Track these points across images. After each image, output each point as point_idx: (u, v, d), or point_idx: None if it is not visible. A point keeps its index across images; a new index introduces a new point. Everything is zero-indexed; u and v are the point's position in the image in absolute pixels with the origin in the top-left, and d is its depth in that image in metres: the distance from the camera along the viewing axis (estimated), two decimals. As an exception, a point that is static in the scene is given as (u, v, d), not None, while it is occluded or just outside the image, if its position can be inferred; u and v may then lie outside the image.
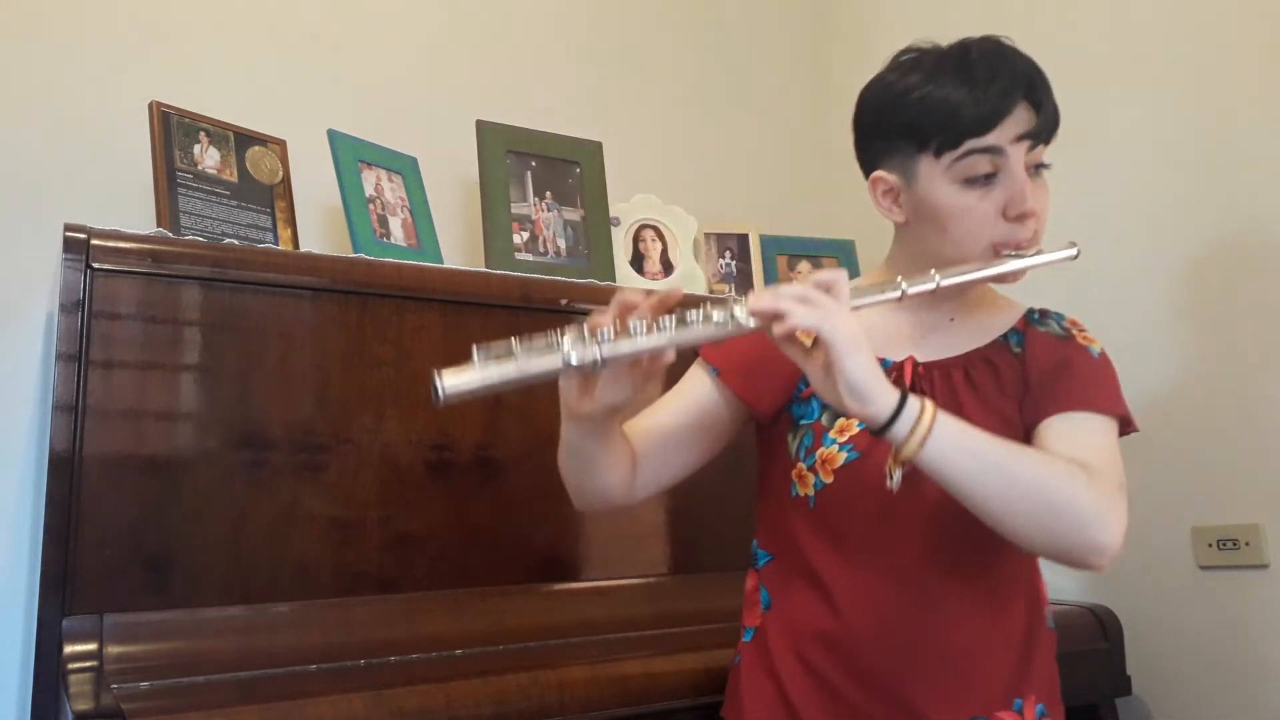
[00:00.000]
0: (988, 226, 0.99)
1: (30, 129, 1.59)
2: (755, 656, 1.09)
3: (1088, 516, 0.91)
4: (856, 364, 0.85)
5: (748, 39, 2.43)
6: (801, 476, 1.05)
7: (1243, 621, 1.66)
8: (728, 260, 2.05)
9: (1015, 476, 0.90)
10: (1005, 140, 0.98)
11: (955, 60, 1.00)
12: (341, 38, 1.91)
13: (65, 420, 1.24)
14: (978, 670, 1.01)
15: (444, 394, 0.78)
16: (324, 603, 1.35)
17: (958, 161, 0.98)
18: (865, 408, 0.86)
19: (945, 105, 0.97)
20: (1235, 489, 1.68)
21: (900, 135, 1.01)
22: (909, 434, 0.87)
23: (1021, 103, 0.98)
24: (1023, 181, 0.99)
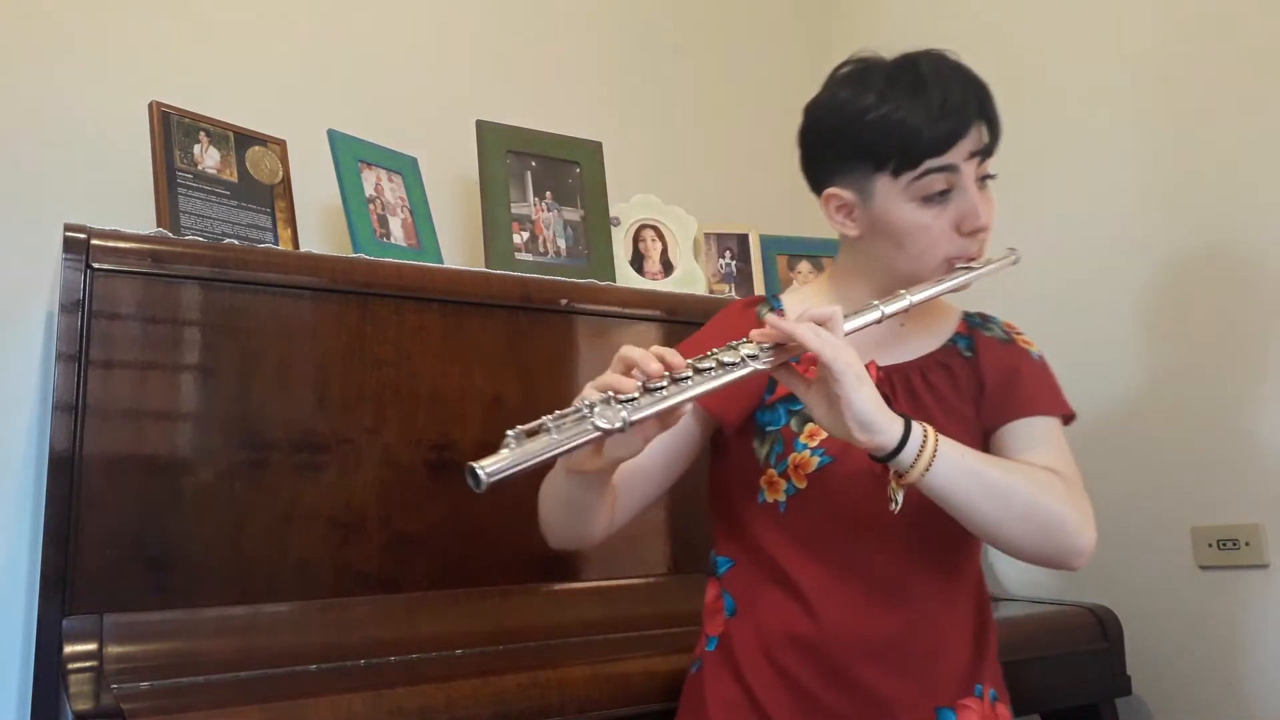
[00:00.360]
0: (944, 242, 1.03)
1: (30, 129, 1.59)
2: (720, 663, 1.09)
3: (1071, 527, 0.98)
4: (863, 397, 0.88)
5: (748, 39, 2.44)
6: (772, 482, 1.06)
7: (1243, 621, 1.66)
8: (728, 260, 2.05)
9: (1009, 495, 0.96)
10: (960, 158, 1.01)
11: (907, 79, 1.01)
12: (341, 38, 1.91)
13: (65, 420, 1.25)
14: (943, 663, 1.05)
15: (485, 480, 0.78)
16: (324, 603, 1.35)
17: (915, 181, 1.01)
18: (874, 438, 0.90)
19: (904, 128, 0.99)
20: (1235, 489, 1.68)
21: (856, 155, 1.03)
22: (914, 460, 0.91)
23: (974, 123, 1.02)
24: (976, 198, 1.02)
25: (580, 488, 0.97)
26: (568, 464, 0.93)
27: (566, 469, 0.95)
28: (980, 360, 1.11)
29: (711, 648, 1.10)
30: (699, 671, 1.12)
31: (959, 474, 0.93)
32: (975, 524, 0.97)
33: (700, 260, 2.03)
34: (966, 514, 0.96)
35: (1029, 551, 0.99)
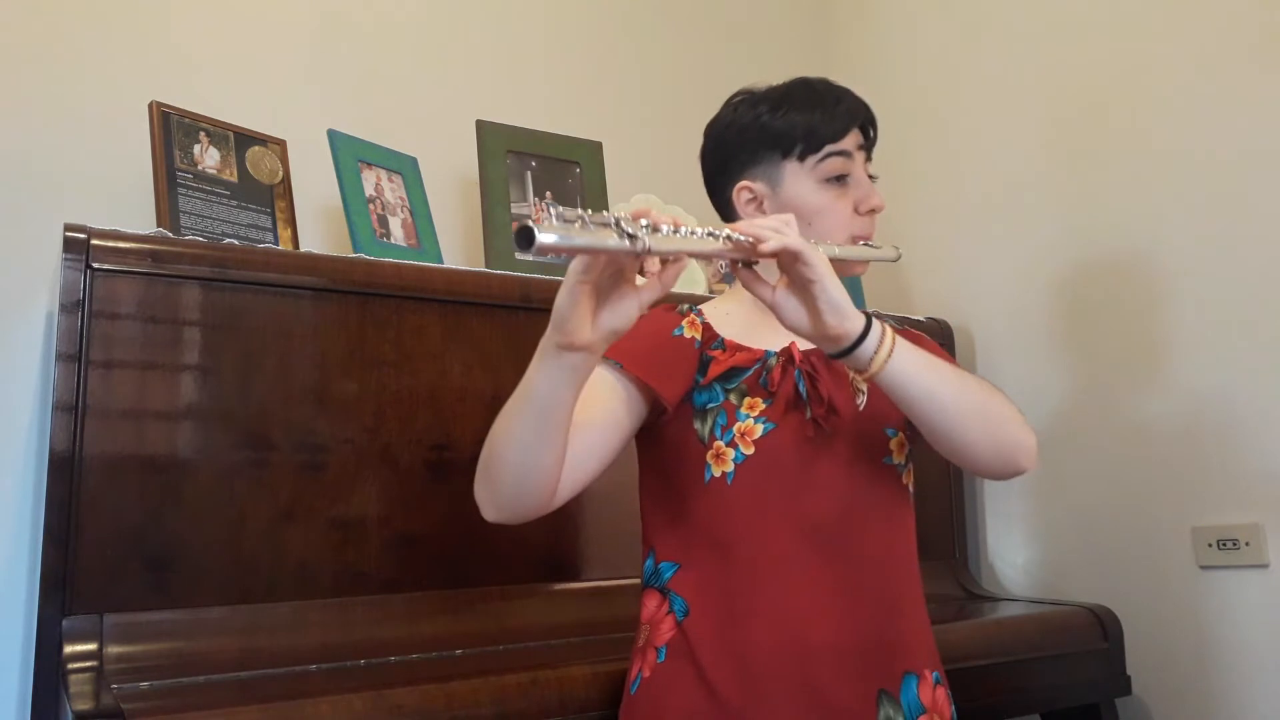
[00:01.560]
0: (846, 220, 1.14)
1: (30, 129, 1.59)
2: (675, 671, 1.06)
3: (1019, 421, 1.07)
4: (835, 284, 0.95)
5: (748, 39, 2.44)
6: (720, 455, 1.08)
7: (1243, 621, 1.66)
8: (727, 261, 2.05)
9: (963, 388, 1.03)
10: (852, 147, 1.15)
11: (801, 88, 1.17)
12: (341, 38, 1.91)
13: (65, 420, 1.25)
14: (902, 625, 1.08)
15: (537, 246, 0.76)
16: (324, 603, 1.35)
17: (820, 163, 1.14)
18: (843, 323, 0.95)
19: (805, 119, 1.14)
20: (1235, 489, 1.68)
21: (764, 147, 1.15)
22: (877, 348, 0.97)
23: (860, 122, 1.16)
24: (869, 183, 1.17)
25: (557, 380, 0.91)
26: (560, 336, 0.88)
27: (555, 346, 0.90)
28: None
29: (662, 659, 1.08)
30: (644, 688, 1.08)
31: (916, 366, 0.99)
32: (934, 417, 1.01)
33: (700, 260, 2.03)
34: (926, 406, 1.00)
35: (984, 449, 1.04)
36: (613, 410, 1.07)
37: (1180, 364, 1.77)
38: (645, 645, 1.10)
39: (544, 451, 0.96)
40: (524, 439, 0.96)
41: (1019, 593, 1.99)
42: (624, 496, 1.60)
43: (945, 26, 2.26)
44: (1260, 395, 1.66)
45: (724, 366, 1.10)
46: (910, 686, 1.06)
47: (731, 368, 1.10)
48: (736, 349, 1.12)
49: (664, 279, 0.90)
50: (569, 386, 0.93)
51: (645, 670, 1.09)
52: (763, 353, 1.11)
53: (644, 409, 1.10)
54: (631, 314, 0.89)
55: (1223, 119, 1.73)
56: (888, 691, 1.04)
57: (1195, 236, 1.76)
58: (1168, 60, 1.82)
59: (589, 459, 1.04)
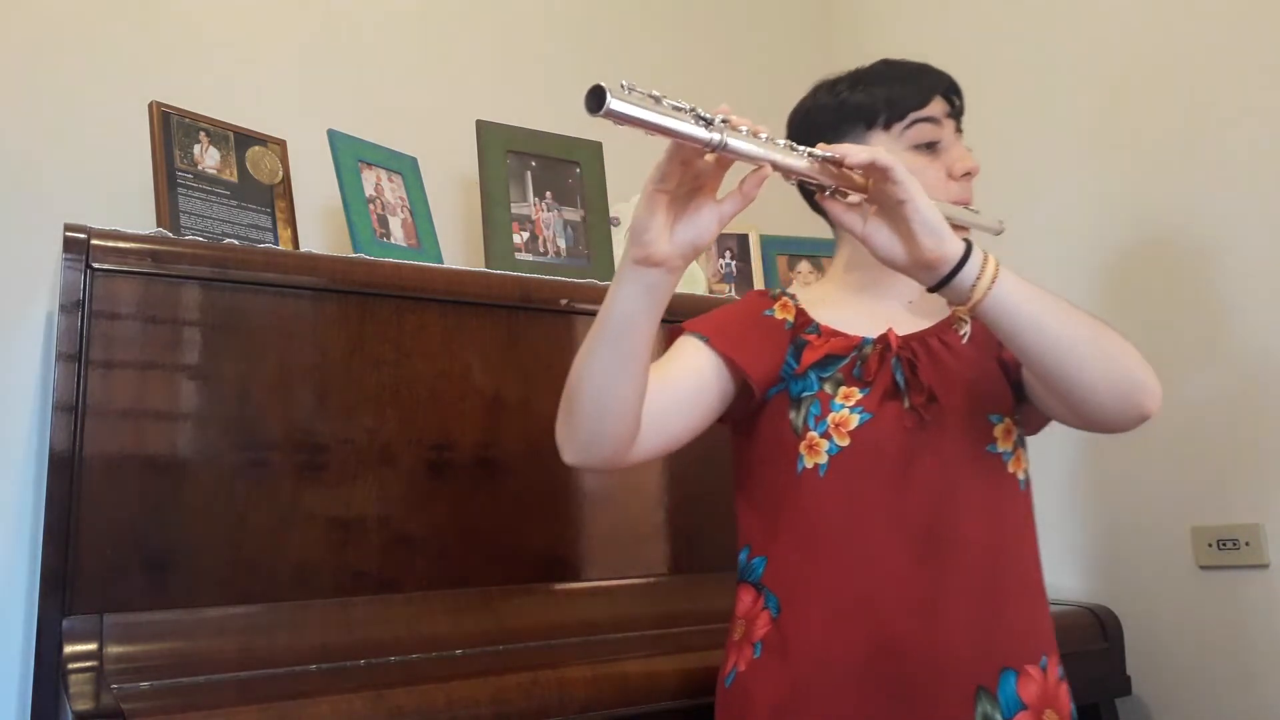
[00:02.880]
0: (941, 185, 1.10)
1: (30, 129, 1.59)
2: (769, 667, 1.05)
3: (1138, 357, 0.98)
4: (928, 204, 0.90)
5: (748, 39, 2.44)
6: (813, 445, 1.05)
7: (1243, 621, 1.66)
8: (728, 260, 2.05)
9: (1076, 318, 0.95)
10: (939, 113, 1.12)
11: (880, 66, 1.16)
12: (341, 38, 1.91)
13: (65, 420, 1.25)
14: (1002, 621, 1.03)
15: (607, 107, 0.76)
16: (324, 603, 1.35)
17: (906, 130, 1.11)
18: (941, 245, 0.90)
19: (884, 90, 1.12)
20: (1235, 489, 1.68)
21: (849, 120, 1.13)
22: (979, 274, 0.91)
23: (943, 91, 1.14)
24: (961, 147, 1.13)
25: (637, 300, 0.90)
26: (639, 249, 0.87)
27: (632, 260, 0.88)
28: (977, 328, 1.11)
29: (758, 654, 1.06)
30: (739, 682, 1.07)
31: (1022, 294, 0.92)
32: (1044, 351, 0.94)
33: (700, 260, 2.03)
34: (1034, 339, 0.93)
35: (1102, 387, 0.95)
36: (700, 375, 1.06)
37: (1180, 364, 1.76)
38: (742, 640, 1.09)
39: (622, 380, 0.94)
40: (601, 365, 0.93)
41: (1019, 593, 1.99)
42: (624, 496, 1.61)
43: (945, 26, 2.26)
44: (1260, 395, 1.66)
45: (820, 353, 1.08)
46: (1009, 682, 1.01)
47: (827, 354, 1.08)
48: (832, 334, 1.09)
49: (745, 190, 0.87)
50: (647, 308, 0.91)
51: (741, 665, 1.08)
52: (859, 339, 1.08)
53: (732, 388, 1.08)
54: (711, 228, 0.88)
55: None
56: (986, 689, 1.00)
57: (1192, 238, 1.76)
58: (1185, 45, 1.82)
59: (672, 416, 1.03)
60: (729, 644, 1.12)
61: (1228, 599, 1.68)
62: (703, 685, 1.25)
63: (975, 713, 0.99)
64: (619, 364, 0.93)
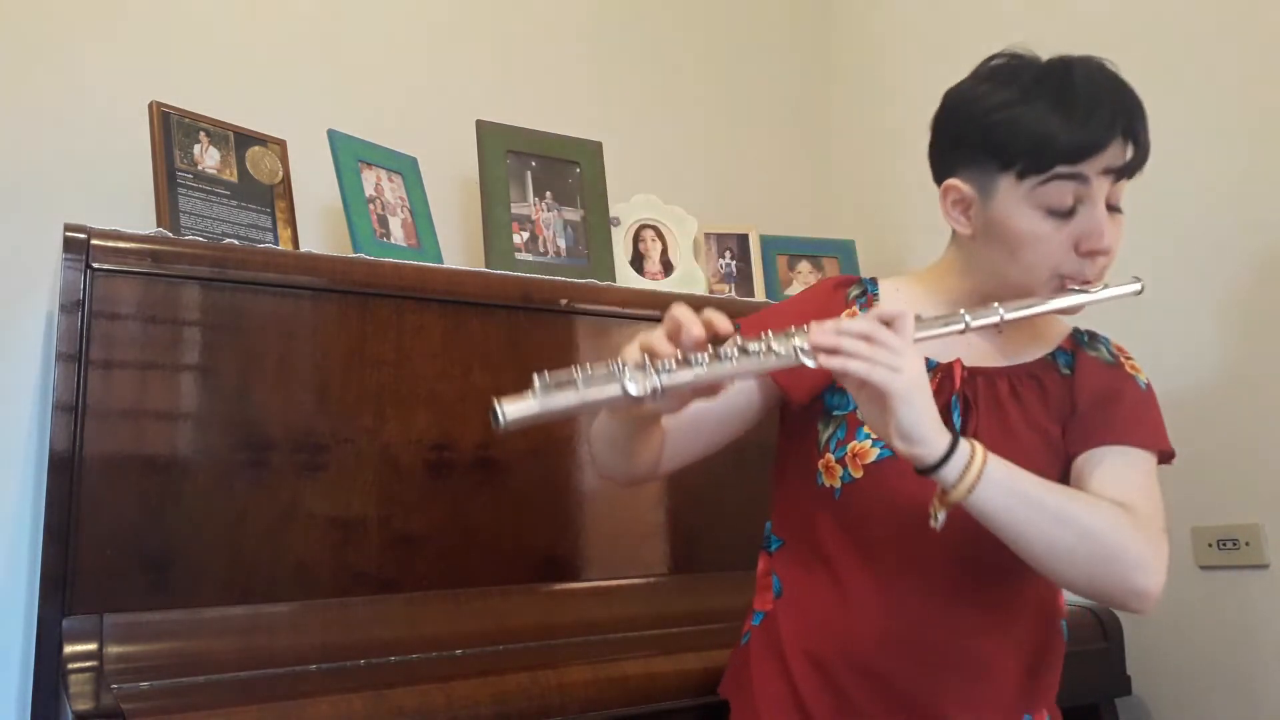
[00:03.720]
0: (1059, 257, 0.97)
1: (30, 129, 1.59)
2: (764, 641, 1.08)
3: (1132, 563, 0.90)
4: (908, 410, 0.84)
5: (748, 39, 2.43)
6: (829, 468, 1.03)
7: (1243, 621, 1.66)
8: (728, 260, 2.05)
9: (1063, 522, 0.89)
10: (1093, 172, 0.95)
11: (1056, 81, 0.95)
12: (341, 38, 1.91)
13: (65, 420, 1.25)
14: (988, 678, 1.01)
15: (504, 421, 0.78)
16: (324, 603, 1.35)
17: (1041, 186, 0.95)
18: (912, 448, 0.86)
19: (1040, 129, 0.93)
20: (1235, 489, 1.68)
21: (984, 150, 0.98)
22: (959, 478, 0.86)
23: (1118, 138, 0.95)
24: (1102, 217, 0.96)
25: (623, 430, 0.96)
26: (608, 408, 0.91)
27: (609, 411, 0.94)
28: (1077, 380, 1.05)
29: (758, 622, 1.10)
30: (746, 646, 1.11)
31: (1005, 496, 0.88)
32: (1021, 551, 0.90)
33: (700, 260, 2.03)
34: (1013, 539, 0.89)
35: (1083, 585, 0.92)
36: (737, 397, 1.04)
37: (1180, 364, 1.76)
38: (753, 603, 1.13)
39: (627, 459, 1.01)
40: (604, 448, 1.02)
41: (1019, 593, 1.99)
42: (624, 497, 1.61)
43: (945, 26, 2.26)
44: (1260, 395, 1.66)
45: None
46: None
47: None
48: None
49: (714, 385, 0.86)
50: (631, 434, 0.97)
51: (750, 629, 1.12)
52: (923, 360, 0.93)
53: (775, 396, 1.07)
54: (679, 406, 0.88)
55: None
56: None
57: (1193, 235, 1.75)
58: (1175, 54, 1.82)
59: (709, 429, 1.05)
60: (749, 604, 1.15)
61: (1228, 599, 1.68)
62: (703, 685, 1.25)
63: None
64: (627, 451, 1.00)
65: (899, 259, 2.18)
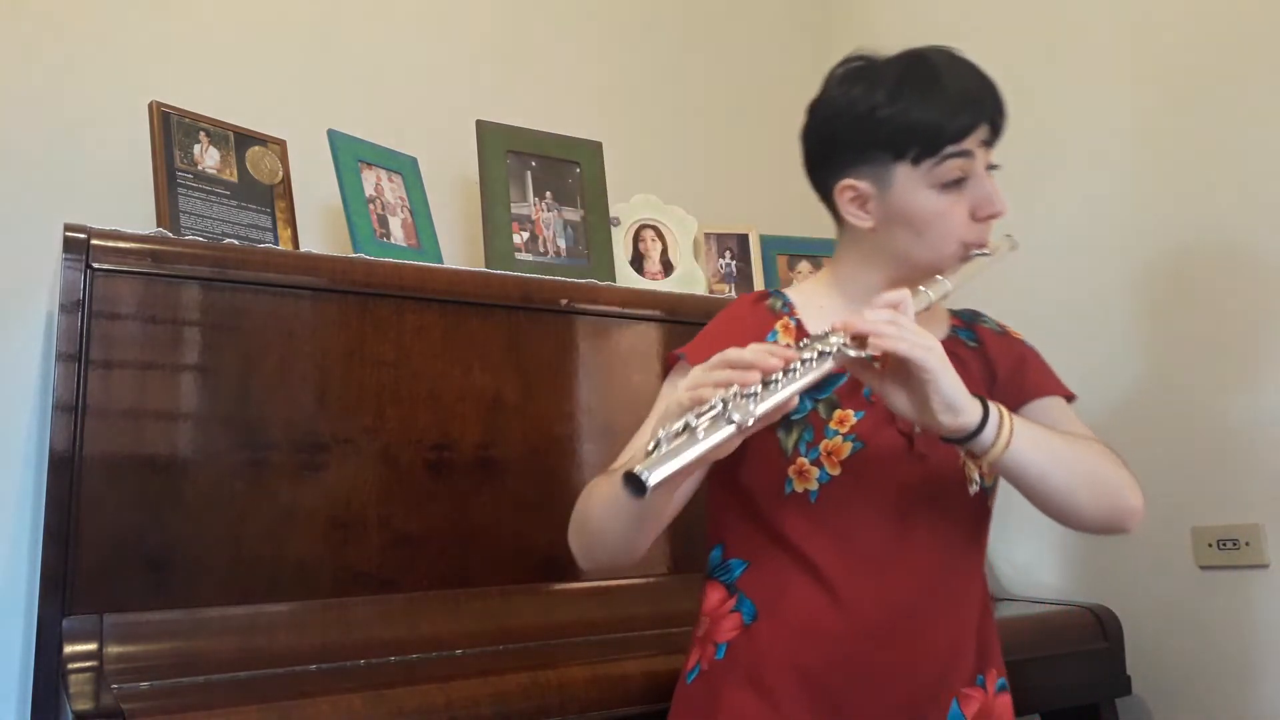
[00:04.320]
0: (961, 229, 1.05)
1: (30, 129, 1.59)
2: (733, 672, 1.05)
3: (1127, 489, 1.04)
4: (948, 380, 0.91)
5: (748, 39, 2.44)
6: (803, 472, 1.04)
7: (1243, 621, 1.66)
8: (728, 260, 2.05)
9: (1075, 464, 1.00)
10: (974, 145, 1.04)
11: (920, 73, 1.04)
12: (341, 38, 1.91)
13: (65, 420, 1.25)
14: (958, 652, 1.06)
15: (650, 487, 0.78)
16: (324, 603, 1.35)
17: (936, 167, 1.03)
18: (958, 419, 0.92)
19: (925, 118, 1.02)
20: (1235, 489, 1.68)
21: (875, 146, 1.04)
22: (994, 438, 0.94)
23: (989, 116, 1.05)
24: (990, 185, 1.06)
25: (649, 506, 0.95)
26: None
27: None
28: (988, 350, 1.14)
29: (721, 656, 1.06)
30: (701, 680, 1.08)
31: (1033, 448, 0.96)
32: (1048, 494, 0.99)
33: (700, 260, 2.03)
34: (1040, 485, 0.98)
35: (1092, 517, 1.03)
36: None
37: (1180, 363, 1.76)
38: (705, 638, 1.09)
39: (640, 538, 1.01)
40: (617, 527, 1.00)
41: (1019, 593, 1.99)
42: (624, 496, 1.60)
43: (946, 27, 2.26)
44: (1260, 395, 1.66)
45: None
46: (954, 706, 1.03)
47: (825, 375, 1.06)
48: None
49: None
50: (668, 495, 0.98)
51: (704, 664, 1.08)
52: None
53: None
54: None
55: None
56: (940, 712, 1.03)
57: (1192, 236, 1.75)
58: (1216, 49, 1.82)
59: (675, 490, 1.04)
60: (694, 639, 1.11)
61: (1228, 599, 1.68)
62: (703, 685, 1.25)
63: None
64: (639, 531, 1.00)
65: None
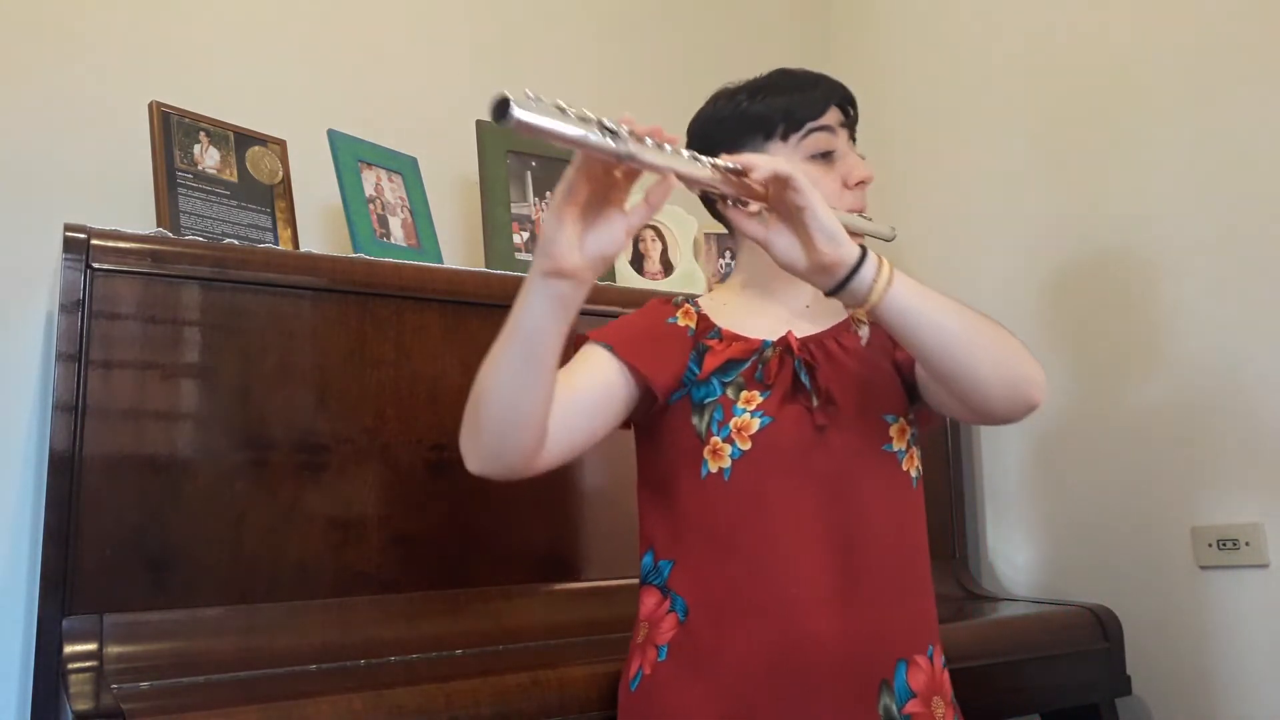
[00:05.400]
0: (836, 195, 1.13)
1: (30, 129, 1.59)
2: (677, 670, 1.06)
3: (1026, 353, 1.02)
4: (826, 211, 0.94)
5: (747, 39, 2.44)
6: (716, 450, 1.07)
7: (1243, 621, 1.66)
8: (728, 260, 2.05)
9: (968, 319, 0.98)
10: (834, 122, 1.15)
11: (777, 76, 1.17)
12: (341, 38, 1.91)
13: (65, 420, 1.25)
14: (898, 616, 1.07)
15: (513, 118, 0.77)
16: (324, 603, 1.35)
17: (803, 140, 1.13)
18: (837, 249, 0.94)
19: (785, 100, 1.14)
20: (1235, 489, 1.68)
21: (747, 131, 1.14)
22: (874, 278, 0.95)
23: (838, 100, 1.16)
24: (856, 156, 1.16)
25: (545, 312, 0.90)
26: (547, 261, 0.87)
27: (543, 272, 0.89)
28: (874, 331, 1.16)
29: (663, 658, 1.07)
30: (644, 685, 1.08)
31: (918, 295, 0.96)
32: (940, 349, 0.97)
33: (700, 260, 2.03)
34: (931, 337, 0.97)
35: (994, 382, 0.98)
36: (605, 384, 1.08)
37: (1180, 363, 1.77)
38: (645, 642, 1.09)
39: (529, 390, 0.94)
40: (510, 376, 0.94)
41: (1019, 593, 1.99)
42: (624, 497, 1.60)
43: (945, 26, 2.26)
44: (1260, 395, 1.66)
45: (721, 358, 1.10)
46: (901, 672, 1.05)
47: (728, 360, 1.10)
48: (733, 339, 1.12)
49: (651, 201, 0.88)
50: (556, 318, 0.91)
51: (646, 668, 1.08)
52: (759, 342, 1.11)
53: (636, 395, 1.10)
54: (619, 238, 0.89)
55: (1213, 113, 1.73)
56: (886, 681, 1.04)
57: (1192, 232, 1.76)
58: (1160, 55, 1.82)
59: (577, 425, 1.04)
60: (632, 647, 1.12)
61: (1228, 599, 1.68)
62: (703, 685, 1.25)
63: (878, 705, 1.03)
64: (528, 374, 0.93)
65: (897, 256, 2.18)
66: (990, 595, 1.95)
